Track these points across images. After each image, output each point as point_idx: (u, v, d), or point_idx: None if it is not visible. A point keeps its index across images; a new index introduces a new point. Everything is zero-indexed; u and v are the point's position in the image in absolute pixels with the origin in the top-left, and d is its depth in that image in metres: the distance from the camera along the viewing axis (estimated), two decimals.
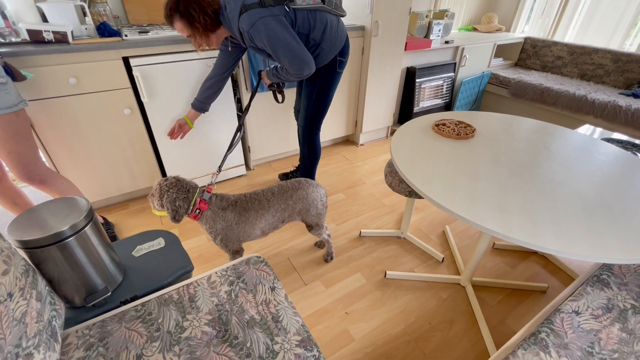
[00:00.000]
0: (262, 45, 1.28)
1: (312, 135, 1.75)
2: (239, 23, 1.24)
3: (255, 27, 1.21)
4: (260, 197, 1.24)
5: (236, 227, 1.21)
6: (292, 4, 1.27)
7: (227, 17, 1.27)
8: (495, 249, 1.69)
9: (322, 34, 1.38)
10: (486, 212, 0.92)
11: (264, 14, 1.21)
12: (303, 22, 1.32)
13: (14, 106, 1.16)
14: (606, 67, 2.84)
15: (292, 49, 1.27)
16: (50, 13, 1.49)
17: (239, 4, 1.22)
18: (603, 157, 1.23)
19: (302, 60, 1.29)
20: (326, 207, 1.39)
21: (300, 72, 1.32)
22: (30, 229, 0.75)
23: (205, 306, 0.86)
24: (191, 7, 1.21)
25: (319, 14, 1.35)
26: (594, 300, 0.93)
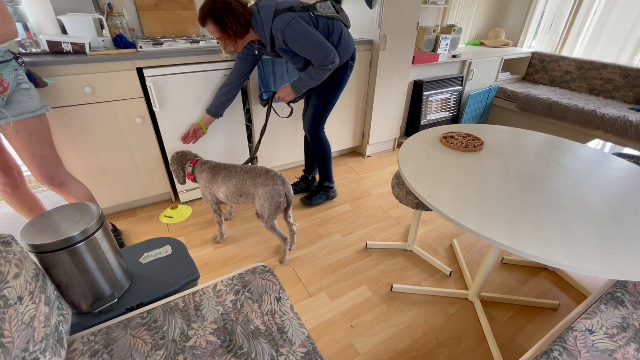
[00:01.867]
0: (294, 43, 1.44)
1: (318, 131, 1.85)
2: (273, 24, 1.41)
3: (290, 25, 1.40)
4: (231, 169, 1.49)
5: (208, 185, 1.52)
6: (315, 11, 1.49)
7: (259, 20, 1.43)
8: (504, 264, 1.65)
9: (339, 39, 1.57)
10: (495, 225, 0.91)
11: (295, 17, 1.41)
12: (324, 27, 1.52)
13: (37, 110, 1.21)
14: (615, 82, 2.82)
15: (321, 42, 1.45)
16: (70, 25, 1.55)
17: (273, 9, 1.41)
18: (615, 172, 1.21)
19: (330, 50, 1.47)
20: (278, 206, 1.46)
21: (329, 61, 1.48)
22: (42, 234, 0.76)
23: (210, 315, 0.86)
24: (226, 14, 1.35)
25: (336, 22, 1.55)
26: (608, 318, 0.90)
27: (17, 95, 1.16)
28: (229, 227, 1.86)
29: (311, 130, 1.84)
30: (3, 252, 0.63)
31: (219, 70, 1.78)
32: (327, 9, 1.51)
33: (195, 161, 1.56)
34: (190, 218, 1.93)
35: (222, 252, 1.68)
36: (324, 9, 1.51)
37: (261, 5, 1.42)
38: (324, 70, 1.52)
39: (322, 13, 1.49)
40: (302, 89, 1.63)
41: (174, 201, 2.07)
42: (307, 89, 1.64)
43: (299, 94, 1.68)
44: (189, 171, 1.55)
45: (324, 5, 1.52)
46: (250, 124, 2.11)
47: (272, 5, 1.41)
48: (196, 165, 1.55)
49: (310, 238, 1.79)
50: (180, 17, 2.01)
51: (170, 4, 1.96)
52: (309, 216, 1.97)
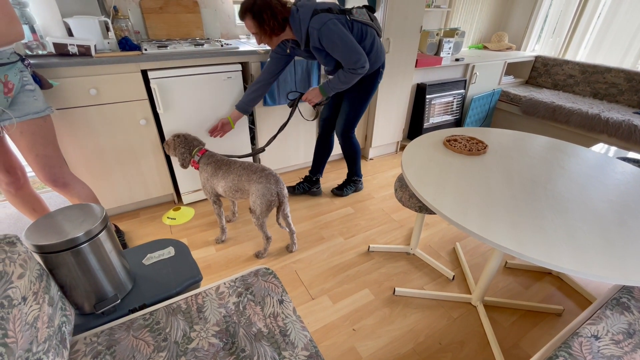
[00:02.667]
0: (327, 42, 1.47)
1: (350, 134, 1.94)
2: (310, 23, 1.46)
3: (326, 25, 1.44)
4: (231, 164, 1.53)
5: (210, 179, 1.55)
6: (352, 15, 1.53)
7: (297, 18, 1.47)
8: (507, 268, 1.64)
9: (371, 46, 1.61)
10: (499, 229, 0.90)
11: (332, 17, 1.45)
12: (357, 32, 1.55)
13: (42, 112, 1.22)
14: (619, 86, 2.81)
15: (354, 45, 1.49)
16: (76, 28, 1.56)
17: (312, 8, 1.46)
18: (620, 177, 1.20)
19: (361, 54, 1.50)
20: (270, 204, 1.49)
21: (359, 65, 1.51)
22: (46, 234, 0.77)
23: (213, 317, 0.86)
24: (265, 11, 1.40)
25: (369, 29, 1.59)
26: (614, 324, 0.89)
27: (22, 97, 1.17)
28: (231, 229, 1.86)
29: (344, 135, 1.92)
30: (8, 252, 0.63)
31: (223, 72, 1.79)
32: (363, 16, 1.56)
33: (203, 151, 1.59)
34: (193, 220, 1.93)
35: (224, 253, 1.68)
36: (360, 15, 1.55)
37: (300, 4, 1.48)
38: (353, 74, 1.55)
39: (358, 18, 1.53)
40: (330, 91, 1.66)
41: (176, 203, 2.08)
42: (336, 92, 1.67)
43: (327, 96, 1.71)
44: (195, 159, 1.57)
45: (360, 11, 1.56)
46: (253, 126, 2.12)
47: (311, 5, 1.46)
48: (203, 156, 1.58)
49: (313, 240, 1.79)
50: (185, 19, 2.02)
51: (175, 7, 1.98)
52: (311, 218, 1.97)
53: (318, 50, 1.55)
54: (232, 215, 1.92)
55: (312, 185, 2.19)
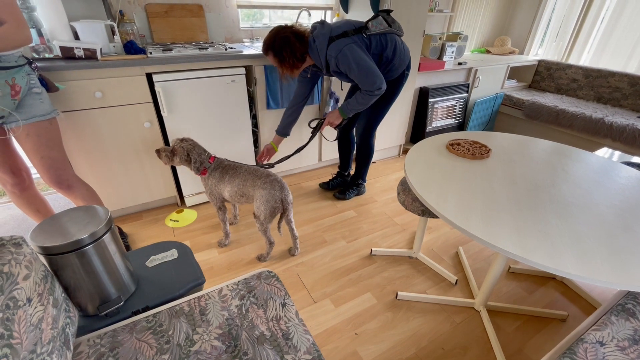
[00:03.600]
0: (345, 67, 1.53)
1: (370, 137, 1.97)
2: (328, 52, 1.52)
3: (343, 52, 1.49)
4: (237, 169, 1.53)
5: (218, 184, 1.54)
6: (368, 31, 1.54)
7: (315, 48, 1.54)
8: (511, 272, 1.63)
9: (393, 52, 1.63)
10: (503, 233, 0.90)
11: (348, 42, 1.49)
12: (377, 44, 1.58)
13: (48, 114, 1.23)
14: (623, 90, 2.80)
15: (371, 68, 1.52)
16: (82, 31, 1.58)
17: (327, 37, 1.50)
18: (624, 181, 1.20)
19: (378, 77, 1.53)
20: (274, 210, 1.49)
21: (376, 87, 1.55)
22: (52, 236, 0.77)
23: (215, 320, 0.86)
24: (284, 49, 1.49)
25: (389, 36, 1.60)
26: (619, 330, 0.89)
27: (29, 99, 1.18)
28: (233, 232, 1.86)
29: (363, 135, 1.94)
30: (14, 253, 0.64)
31: (227, 76, 1.80)
32: (379, 25, 1.56)
33: (213, 158, 1.56)
34: (196, 222, 1.94)
35: (227, 256, 1.68)
36: (376, 26, 1.55)
37: (316, 34, 1.53)
38: (370, 96, 1.59)
39: (374, 31, 1.55)
40: (349, 112, 1.70)
41: (179, 205, 2.09)
42: (355, 112, 1.71)
43: (347, 117, 1.75)
44: (206, 167, 1.54)
45: (376, 22, 1.56)
46: (256, 130, 2.12)
47: (326, 33, 1.51)
48: (214, 162, 1.56)
49: (315, 244, 1.79)
50: (189, 23, 2.04)
51: (180, 10, 2.00)
52: (313, 222, 1.97)
53: (338, 73, 1.62)
54: (233, 218, 1.93)
55: (344, 179, 2.28)
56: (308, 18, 2.57)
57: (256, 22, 2.42)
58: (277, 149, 1.94)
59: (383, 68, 1.66)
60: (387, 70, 1.68)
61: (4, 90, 1.10)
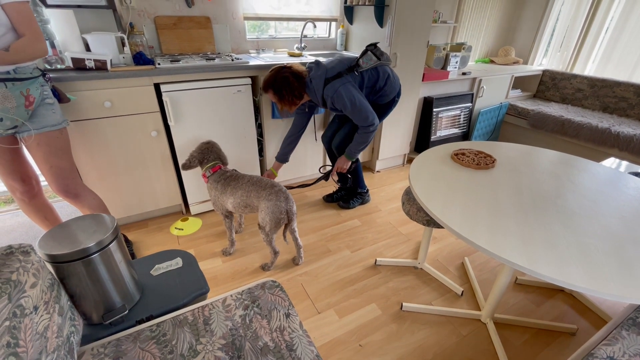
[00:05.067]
0: (340, 105, 1.63)
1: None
2: (324, 92, 1.63)
3: (338, 92, 1.60)
4: (239, 179, 1.55)
5: (220, 197, 1.57)
6: (359, 68, 1.65)
7: (312, 88, 1.66)
8: (517, 284, 1.61)
9: (385, 81, 1.74)
10: (509, 244, 0.89)
11: (343, 82, 1.60)
12: (369, 78, 1.70)
13: (59, 124, 1.26)
14: (629, 100, 2.79)
15: (364, 105, 1.63)
16: (93, 43, 1.62)
17: (323, 78, 1.62)
18: (632, 192, 1.18)
19: (371, 113, 1.65)
20: (279, 221, 1.50)
21: (369, 123, 1.66)
22: (59, 244, 0.78)
23: (219, 330, 0.85)
24: (284, 89, 1.60)
25: (380, 68, 1.71)
26: (630, 345, 0.86)
27: (42, 110, 1.21)
28: (238, 241, 1.86)
29: (339, 148, 1.96)
30: (22, 261, 0.65)
31: (233, 86, 1.83)
32: (369, 61, 1.66)
33: (217, 168, 1.58)
34: (200, 231, 1.94)
35: (231, 265, 1.68)
36: (366, 62, 1.66)
37: (312, 75, 1.64)
38: (367, 133, 1.70)
39: (365, 67, 1.66)
40: (354, 154, 1.81)
41: (184, 213, 2.10)
42: (359, 153, 1.82)
43: (354, 159, 1.85)
44: (205, 173, 1.58)
45: (366, 58, 1.66)
46: (261, 139, 2.14)
47: (321, 75, 1.62)
48: (215, 173, 1.58)
49: (319, 253, 1.78)
50: (197, 35, 2.08)
51: (189, 23, 2.04)
52: (318, 231, 1.96)
53: (335, 109, 1.72)
54: (238, 227, 1.93)
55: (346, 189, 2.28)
56: (313, 29, 2.61)
57: (262, 34, 2.47)
58: (277, 174, 2.00)
59: (375, 94, 1.77)
60: (378, 97, 1.79)
61: (19, 101, 1.13)
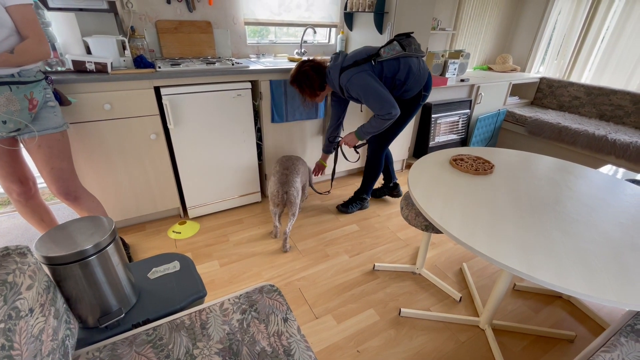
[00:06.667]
0: (356, 94, 1.66)
1: (381, 153, 2.02)
2: (340, 81, 1.68)
3: (351, 81, 1.62)
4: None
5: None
6: (379, 57, 1.63)
7: (330, 78, 1.73)
8: (516, 290, 1.60)
9: (407, 75, 1.69)
10: (508, 250, 0.89)
11: (357, 71, 1.61)
12: (389, 68, 1.66)
13: (60, 127, 1.27)
14: (626, 108, 2.82)
15: (381, 94, 1.61)
16: (94, 46, 1.63)
17: (339, 68, 1.67)
18: (630, 199, 1.19)
19: (390, 103, 1.62)
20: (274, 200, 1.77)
21: (388, 112, 1.63)
22: (56, 246, 0.78)
23: (216, 334, 0.84)
24: (304, 81, 1.73)
25: (402, 59, 1.66)
26: (629, 352, 0.86)
27: (44, 112, 1.21)
28: (235, 245, 1.85)
29: (375, 151, 2.01)
30: (19, 263, 0.64)
31: (233, 90, 1.83)
32: (391, 51, 1.63)
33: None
34: (198, 234, 1.93)
35: (228, 269, 1.67)
36: (388, 52, 1.63)
37: (331, 66, 1.72)
38: (382, 120, 1.67)
39: (385, 57, 1.63)
40: (364, 136, 1.81)
41: (182, 217, 2.09)
42: (369, 136, 1.82)
43: (362, 140, 1.86)
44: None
45: (388, 48, 1.63)
46: (261, 143, 2.15)
47: (338, 65, 1.67)
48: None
49: (317, 258, 1.77)
50: (198, 39, 2.10)
51: (190, 27, 2.06)
52: (316, 236, 1.96)
53: (353, 98, 1.76)
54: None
55: (391, 189, 2.36)
56: (313, 35, 2.63)
57: (262, 39, 2.49)
58: (326, 165, 2.17)
59: (397, 90, 1.73)
60: (401, 92, 1.75)
61: (23, 104, 1.14)
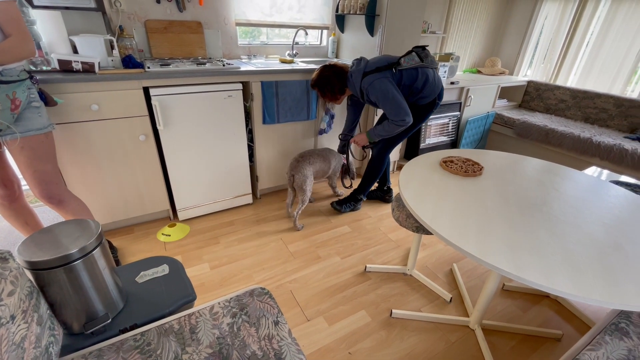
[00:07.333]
0: (374, 98, 1.74)
1: (386, 153, 2.06)
2: (362, 84, 1.76)
3: (372, 85, 1.70)
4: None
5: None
6: (399, 66, 1.73)
7: (352, 82, 1.81)
8: (505, 290, 1.63)
9: (424, 84, 1.79)
10: (496, 251, 0.90)
11: (379, 77, 1.70)
12: (408, 77, 1.75)
13: (44, 128, 1.23)
14: (609, 111, 2.90)
15: (398, 101, 1.70)
16: (81, 45, 1.59)
17: (361, 72, 1.75)
18: (613, 200, 1.22)
19: (405, 111, 1.72)
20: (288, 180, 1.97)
21: (402, 119, 1.73)
22: (40, 250, 0.75)
23: (206, 338, 0.83)
24: (325, 86, 1.83)
25: (420, 69, 1.77)
26: (613, 350, 0.88)
27: (27, 113, 1.18)
28: (225, 247, 1.84)
29: (380, 151, 2.05)
30: (0, 268, 0.62)
31: (224, 91, 1.82)
32: (411, 61, 1.73)
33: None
34: (188, 237, 1.91)
35: (219, 272, 1.65)
36: (407, 62, 1.73)
37: (353, 70, 1.80)
38: (395, 126, 1.76)
39: (405, 66, 1.73)
40: (375, 138, 1.90)
41: (172, 219, 2.06)
42: (380, 138, 1.90)
43: (373, 141, 1.94)
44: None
45: (408, 58, 1.73)
46: (252, 144, 2.13)
47: (361, 70, 1.76)
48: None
49: (309, 259, 1.77)
50: (188, 39, 2.07)
51: (180, 27, 2.04)
52: (307, 237, 1.95)
53: (371, 102, 1.82)
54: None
55: (384, 193, 2.38)
56: (305, 37, 2.63)
57: (254, 40, 2.48)
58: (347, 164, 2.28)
59: (413, 97, 1.82)
60: (417, 98, 1.84)
61: (5, 104, 1.10)
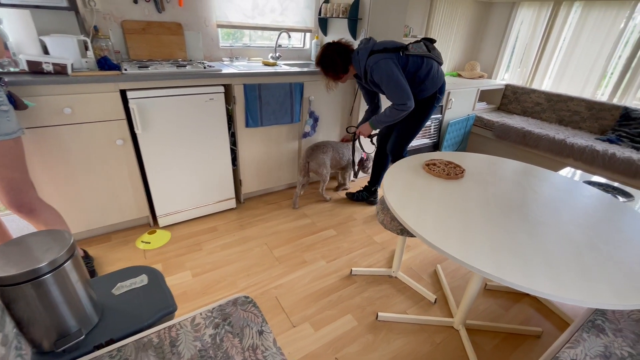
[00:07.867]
0: (377, 77, 1.70)
1: (402, 152, 2.07)
2: (367, 62, 1.72)
3: (378, 64, 1.67)
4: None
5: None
6: (407, 51, 1.72)
7: (357, 59, 1.76)
8: (487, 289, 1.66)
9: (427, 73, 1.78)
10: (478, 252, 0.92)
11: (386, 57, 1.67)
12: (413, 63, 1.74)
13: (13, 133, 1.16)
14: (581, 114, 3.02)
15: (401, 84, 1.68)
16: (52, 46, 1.52)
17: (369, 50, 1.72)
18: (587, 200, 1.27)
19: (407, 94, 1.69)
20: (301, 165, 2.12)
21: (404, 103, 1.70)
22: (7, 264, 0.71)
23: (187, 352, 0.80)
24: (328, 64, 1.79)
25: (426, 59, 1.77)
26: (591, 347, 0.91)
27: None
28: (209, 253, 1.79)
29: (394, 152, 2.07)
30: None
31: (205, 94, 1.78)
32: (419, 49, 1.74)
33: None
34: (169, 244, 1.85)
35: (201, 279, 1.61)
36: (416, 49, 1.73)
37: (360, 47, 1.77)
38: (398, 111, 1.73)
39: (413, 52, 1.72)
40: (378, 125, 1.87)
41: (152, 226, 1.99)
42: (383, 125, 1.88)
43: (376, 129, 1.92)
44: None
45: (416, 46, 1.75)
46: (235, 148, 2.10)
47: (368, 47, 1.73)
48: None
49: (294, 264, 1.75)
50: (167, 41, 2.02)
51: (158, 28, 1.98)
52: (293, 241, 1.93)
53: (374, 83, 1.78)
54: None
55: (370, 194, 2.38)
56: (288, 39, 2.62)
57: (236, 42, 2.44)
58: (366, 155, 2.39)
59: (415, 87, 1.80)
60: (419, 90, 1.82)
61: None
